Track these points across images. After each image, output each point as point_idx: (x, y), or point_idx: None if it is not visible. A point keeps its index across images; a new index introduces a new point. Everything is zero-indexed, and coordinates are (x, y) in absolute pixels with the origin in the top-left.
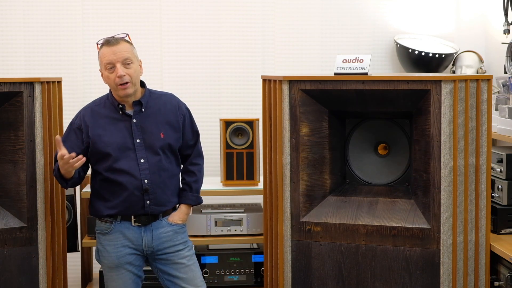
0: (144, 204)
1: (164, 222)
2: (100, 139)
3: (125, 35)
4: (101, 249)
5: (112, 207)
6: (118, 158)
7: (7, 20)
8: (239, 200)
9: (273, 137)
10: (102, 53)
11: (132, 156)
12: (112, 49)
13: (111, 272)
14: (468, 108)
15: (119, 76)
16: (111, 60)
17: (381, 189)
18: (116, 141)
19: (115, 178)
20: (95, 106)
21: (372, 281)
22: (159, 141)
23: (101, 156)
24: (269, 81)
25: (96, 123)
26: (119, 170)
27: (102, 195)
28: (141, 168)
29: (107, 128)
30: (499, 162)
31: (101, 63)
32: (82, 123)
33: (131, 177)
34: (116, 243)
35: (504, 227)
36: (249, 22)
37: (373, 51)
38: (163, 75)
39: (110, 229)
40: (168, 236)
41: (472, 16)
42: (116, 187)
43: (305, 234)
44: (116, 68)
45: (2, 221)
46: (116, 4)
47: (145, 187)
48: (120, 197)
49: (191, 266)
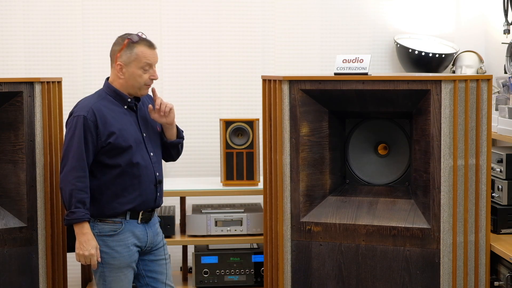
0: (156, 196)
1: (155, 218)
2: (121, 133)
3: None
4: (108, 251)
5: (127, 202)
6: (136, 151)
7: (7, 20)
8: (239, 200)
9: (273, 137)
10: (143, 52)
11: (144, 149)
12: (153, 51)
13: (118, 273)
14: (468, 108)
15: (153, 78)
16: (151, 61)
17: (381, 189)
18: (133, 134)
19: (133, 172)
20: (101, 101)
21: (372, 281)
22: (158, 135)
23: (121, 150)
24: (269, 81)
25: (112, 117)
26: (137, 164)
27: (114, 192)
28: (153, 161)
29: (122, 122)
30: (499, 162)
31: (136, 60)
32: (98, 118)
33: (147, 170)
34: (126, 242)
35: (504, 227)
36: (249, 22)
37: (373, 51)
38: (163, 75)
39: (120, 229)
40: (159, 231)
41: (472, 16)
42: (134, 180)
43: (305, 234)
44: (153, 70)
45: (2, 221)
46: (116, 4)
47: (159, 179)
48: (136, 191)
49: (168, 263)
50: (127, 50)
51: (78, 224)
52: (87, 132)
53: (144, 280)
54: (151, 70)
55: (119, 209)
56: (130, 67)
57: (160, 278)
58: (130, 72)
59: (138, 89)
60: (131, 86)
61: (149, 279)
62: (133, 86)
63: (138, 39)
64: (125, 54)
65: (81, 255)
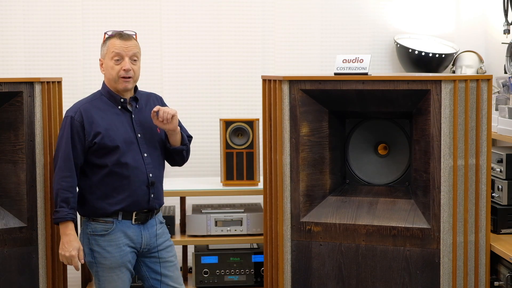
0: (149, 198)
1: (155, 219)
2: (107, 133)
3: (134, 33)
4: (99, 250)
5: (116, 203)
6: (125, 152)
7: (7, 20)
8: (239, 200)
9: (273, 137)
10: (112, 43)
11: (137, 150)
12: (124, 42)
13: (110, 273)
14: (468, 108)
15: (125, 69)
16: (121, 52)
17: (381, 189)
18: (122, 134)
19: (122, 172)
20: (92, 101)
21: (372, 281)
22: (157, 136)
23: (108, 150)
24: (269, 81)
25: (100, 118)
26: (126, 164)
27: (104, 192)
28: (146, 162)
29: (111, 122)
30: (499, 162)
31: (107, 52)
32: (84, 119)
33: (138, 171)
34: (118, 243)
35: (504, 227)
36: (249, 22)
37: (373, 51)
38: (163, 75)
39: (111, 229)
40: (160, 233)
41: (472, 16)
42: (123, 181)
43: (305, 234)
44: (124, 61)
45: (2, 221)
46: (116, 4)
47: (151, 180)
48: (126, 192)
49: (176, 264)
50: (103, 44)
51: (62, 223)
52: (74, 133)
53: (149, 283)
54: (122, 62)
55: (108, 209)
56: (105, 60)
57: (165, 280)
58: (105, 65)
59: (116, 83)
60: (110, 80)
61: (154, 281)
62: (111, 80)
63: (112, 33)
64: (102, 48)
65: (62, 256)
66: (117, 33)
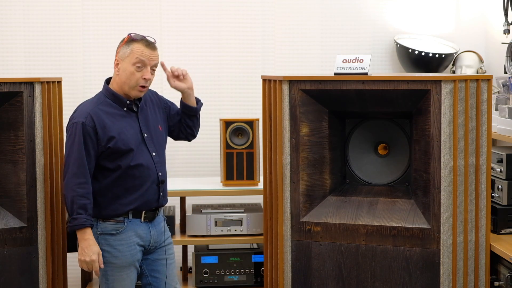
0: (159, 196)
1: (160, 216)
2: (120, 136)
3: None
4: (110, 250)
5: (128, 203)
6: (136, 153)
7: (7, 20)
8: (239, 200)
9: (273, 137)
10: (138, 49)
11: (145, 150)
12: (151, 51)
13: (120, 272)
14: (468, 108)
15: (145, 78)
16: (145, 60)
17: (381, 189)
18: (133, 136)
19: (134, 173)
20: (99, 105)
21: (372, 281)
22: (161, 135)
23: (121, 154)
24: (269, 81)
25: (110, 122)
26: (139, 165)
27: (115, 193)
28: (155, 161)
29: (122, 125)
30: (499, 162)
31: (130, 56)
32: (97, 124)
33: (150, 171)
34: (129, 241)
35: (504, 227)
36: (249, 22)
37: (373, 51)
38: (163, 74)
39: (122, 228)
40: (162, 229)
41: (472, 16)
42: (135, 182)
43: (305, 234)
44: (146, 70)
45: (2, 221)
46: (116, 4)
47: (161, 179)
48: (138, 192)
49: (172, 264)
50: (125, 45)
51: (80, 230)
52: (86, 138)
53: (147, 280)
54: (144, 70)
55: (120, 210)
56: (124, 63)
57: (162, 278)
58: (123, 67)
59: (130, 88)
60: (124, 84)
61: (152, 279)
62: (125, 84)
63: (139, 37)
64: (122, 49)
65: (82, 261)
66: (143, 39)
